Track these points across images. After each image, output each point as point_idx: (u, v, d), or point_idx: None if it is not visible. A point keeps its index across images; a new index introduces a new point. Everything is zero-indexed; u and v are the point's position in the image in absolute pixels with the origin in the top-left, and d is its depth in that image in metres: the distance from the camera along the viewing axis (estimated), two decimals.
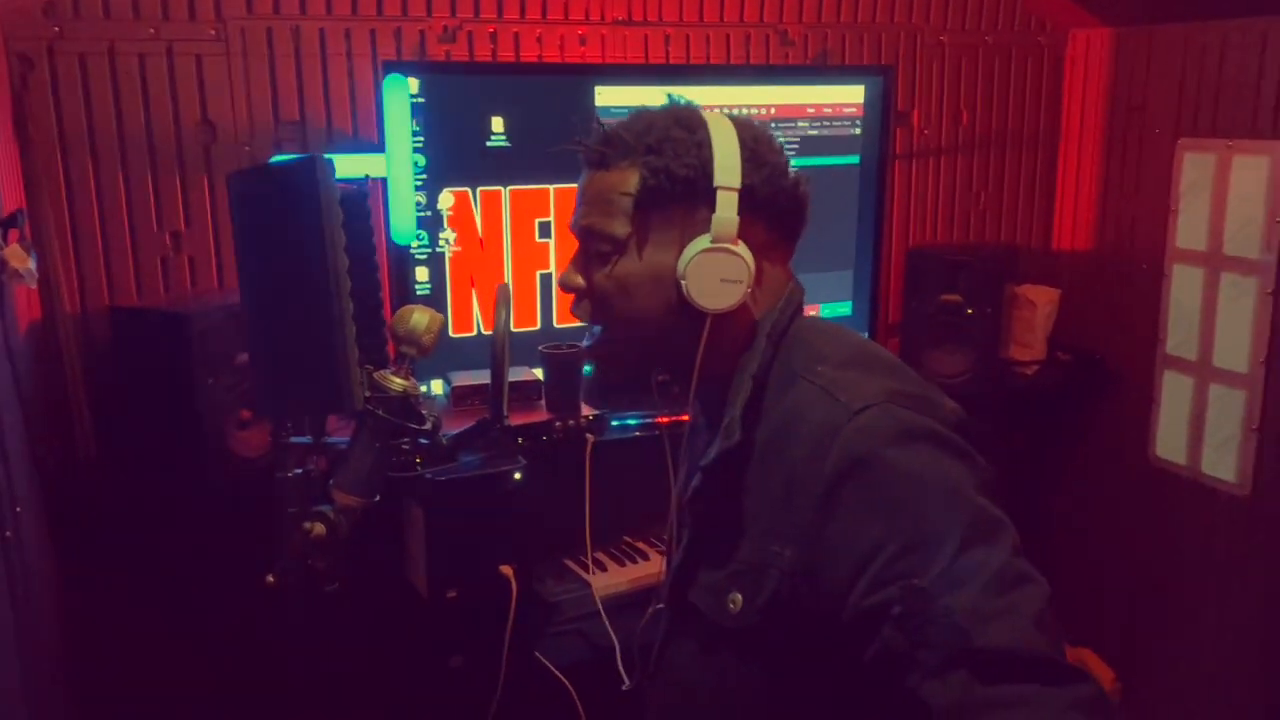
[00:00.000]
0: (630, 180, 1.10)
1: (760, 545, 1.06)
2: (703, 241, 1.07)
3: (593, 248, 1.13)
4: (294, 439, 1.09)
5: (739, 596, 1.07)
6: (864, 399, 1.00)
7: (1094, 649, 2.57)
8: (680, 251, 1.09)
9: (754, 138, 1.12)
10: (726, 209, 1.07)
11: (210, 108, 1.90)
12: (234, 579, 1.45)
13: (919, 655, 0.91)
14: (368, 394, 1.09)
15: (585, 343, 1.18)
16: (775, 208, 1.12)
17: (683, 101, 1.16)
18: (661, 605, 1.25)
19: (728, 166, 1.08)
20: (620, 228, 1.10)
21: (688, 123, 1.11)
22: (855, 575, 0.96)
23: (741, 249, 1.08)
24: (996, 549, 0.93)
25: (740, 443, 1.08)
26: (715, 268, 1.07)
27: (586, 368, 1.77)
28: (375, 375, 1.11)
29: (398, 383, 1.13)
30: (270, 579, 1.10)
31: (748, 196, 1.08)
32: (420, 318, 1.14)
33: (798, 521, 1.02)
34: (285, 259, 1.03)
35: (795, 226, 1.16)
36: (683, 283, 1.07)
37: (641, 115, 1.14)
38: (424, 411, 1.15)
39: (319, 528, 1.09)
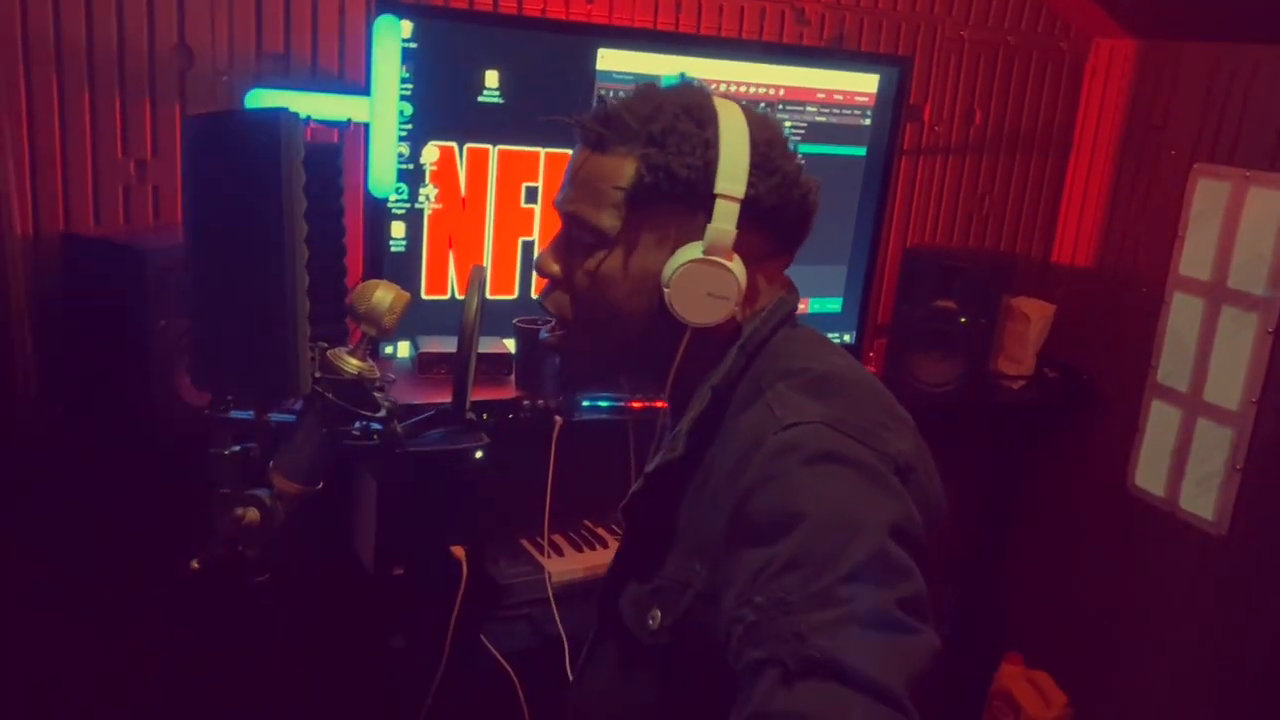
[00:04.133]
0: (625, 171, 1.00)
1: (684, 562, 0.99)
2: (693, 250, 0.99)
3: (574, 235, 1.04)
4: (233, 413, 1.00)
5: (658, 613, 1.00)
6: (796, 416, 0.92)
7: (1050, 672, 2.54)
8: (669, 256, 1.00)
9: (768, 141, 1.02)
10: (724, 220, 0.98)
11: (189, 32, 1.78)
12: (170, 536, 1.37)
13: (746, 653, 0.81)
14: (318, 374, 1.00)
15: (543, 334, 1.10)
16: (779, 220, 1.03)
17: (695, 82, 1.06)
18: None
19: (733, 173, 0.98)
20: (607, 221, 1.01)
21: (698, 114, 1.01)
22: (737, 589, 0.86)
23: (735, 264, 0.99)
24: (884, 592, 0.81)
25: (683, 456, 1.01)
26: (703, 280, 0.98)
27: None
28: (329, 354, 1.02)
29: (353, 364, 1.04)
30: (195, 564, 1.02)
31: (750, 207, 0.99)
32: (383, 295, 1.05)
33: (712, 537, 0.94)
34: (238, 219, 0.93)
35: (798, 238, 1.07)
36: (666, 291, 0.99)
37: (648, 94, 1.04)
38: (379, 396, 1.06)
39: (252, 513, 1.00)
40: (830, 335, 2.22)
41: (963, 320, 2.27)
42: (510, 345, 1.85)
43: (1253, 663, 2.11)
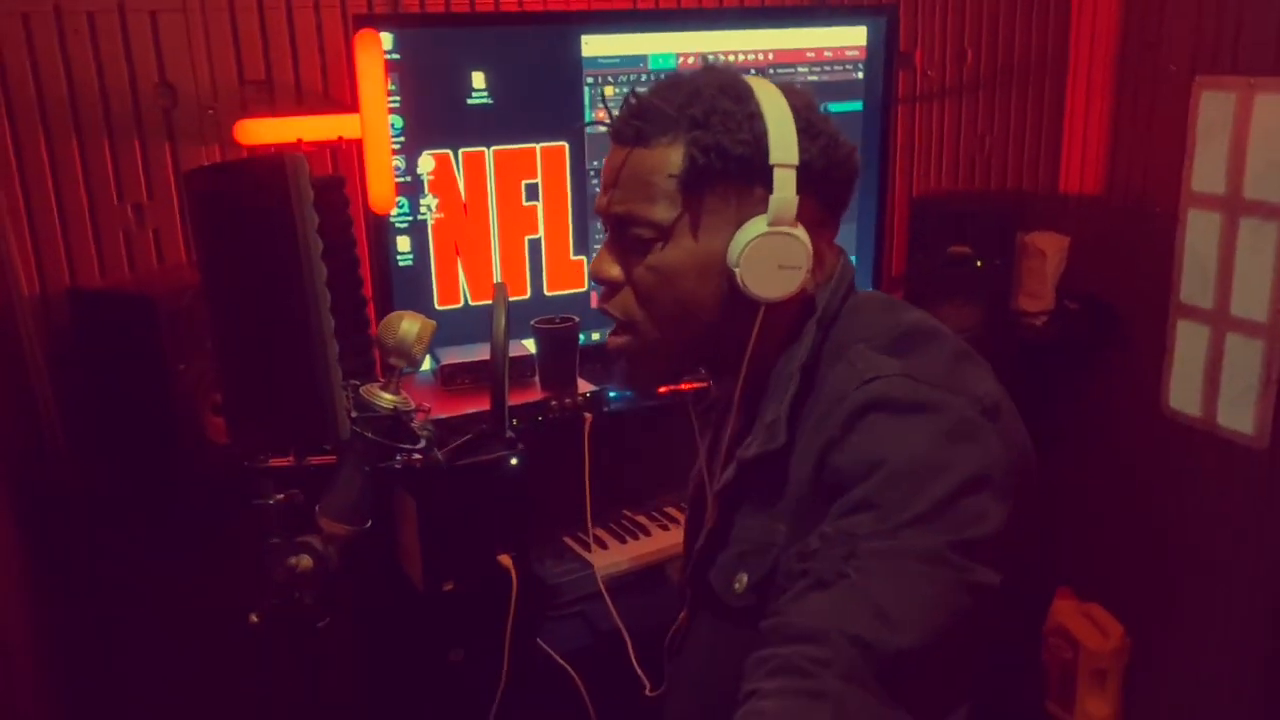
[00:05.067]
0: (674, 159, 0.99)
1: (768, 525, 1.00)
2: (759, 225, 0.97)
3: (630, 234, 1.02)
4: (272, 462, 0.99)
5: (745, 576, 1.01)
6: (879, 370, 0.93)
7: (1103, 604, 2.53)
8: (731, 237, 0.98)
9: (807, 105, 1.01)
10: (785, 188, 0.97)
11: (168, 69, 1.76)
12: (217, 571, 1.37)
13: (796, 569, 0.90)
14: (353, 414, 0.99)
15: (610, 338, 1.08)
16: (829, 182, 1.02)
17: (719, 63, 1.05)
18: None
19: (785, 141, 0.97)
20: (664, 213, 0.99)
21: (734, 92, 0.99)
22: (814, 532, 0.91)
23: (800, 231, 0.98)
24: (942, 536, 0.85)
25: (783, 448, 0.99)
26: (773, 253, 0.97)
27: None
28: (362, 391, 1.01)
29: (387, 399, 1.02)
30: (254, 618, 1.01)
31: (803, 172, 0.98)
32: (410, 326, 1.03)
33: (796, 493, 0.96)
34: (255, 270, 0.91)
35: (845, 200, 1.06)
36: (736, 271, 0.97)
37: (679, 83, 1.02)
38: (416, 426, 1.04)
39: (305, 560, 0.99)
40: None
41: (979, 263, 2.24)
42: (530, 346, 1.84)
43: None
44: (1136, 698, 2.50)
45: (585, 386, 1.80)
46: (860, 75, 2.13)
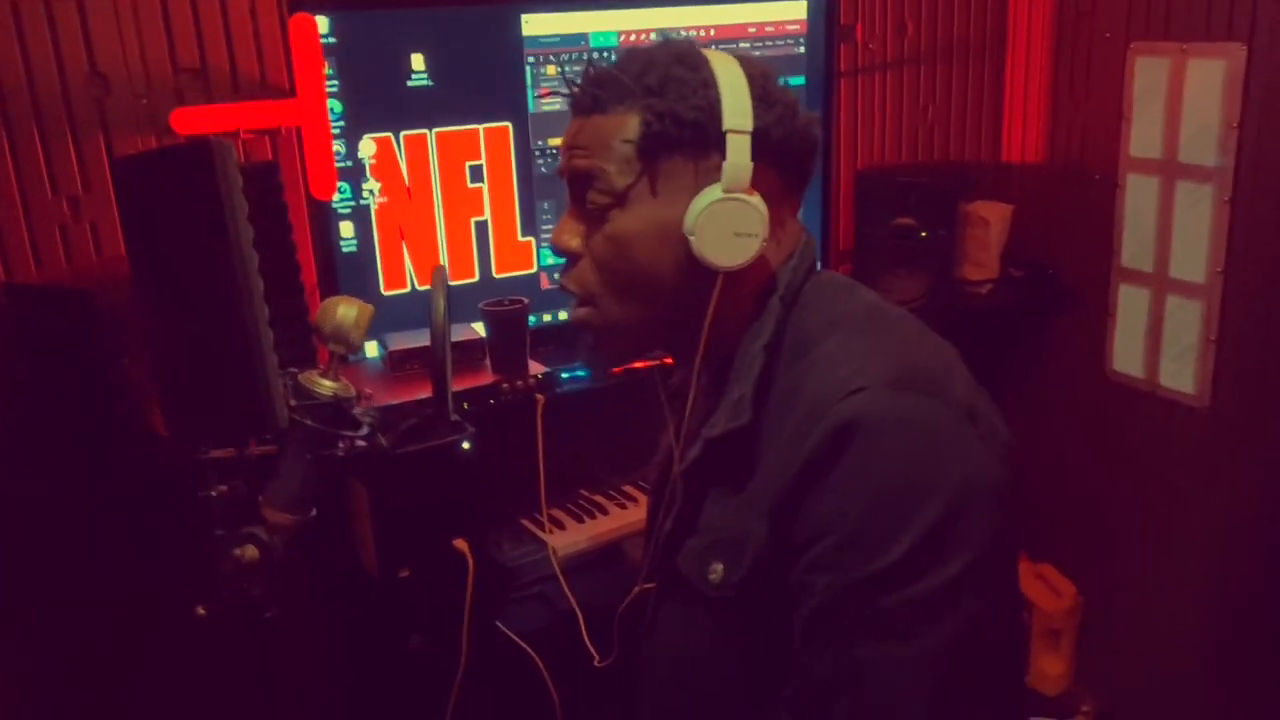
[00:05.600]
0: (630, 125, 0.99)
1: (742, 515, 1.00)
2: (714, 191, 0.97)
3: (588, 199, 1.02)
4: (214, 453, 0.98)
5: (719, 566, 1.01)
6: (863, 377, 0.92)
7: (1054, 564, 2.58)
8: (688, 204, 0.98)
9: (763, 74, 1.01)
10: (739, 154, 0.96)
11: (99, 57, 1.72)
12: (169, 562, 1.36)
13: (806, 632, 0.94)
14: (293, 403, 0.98)
15: (570, 314, 1.08)
16: (787, 152, 1.02)
17: (677, 37, 1.05)
18: (650, 585, 1.17)
19: (738, 107, 0.97)
20: (620, 177, 0.99)
21: (690, 60, 1.00)
22: (801, 552, 0.93)
23: (756, 198, 0.97)
24: (928, 580, 0.88)
25: (748, 425, 1.00)
26: (728, 220, 0.97)
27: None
28: (300, 379, 1.00)
29: (327, 385, 1.01)
30: (201, 610, 1.00)
31: (760, 140, 0.98)
32: (347, 311, 1.02)
33: (775, 494, 0.96)
34: (186, 259, 0.90)
35: (805, 173, 1.06)
36: (692, 239, 0.97)
37: (636, 54, 1.03)
38: (358, 412, 1.04)
39: (250, 551, 0.98)
40: None
41: (923, 234, 2.26)
42: (480, 329, 1.83)
43: (1247, 525, 2.15)
44: (1088, 656, 2.55)
45: (537, 368, 1.80)
46: (802, 50, 2.13)
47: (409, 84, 1.80)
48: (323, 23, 1.70)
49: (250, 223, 0.90)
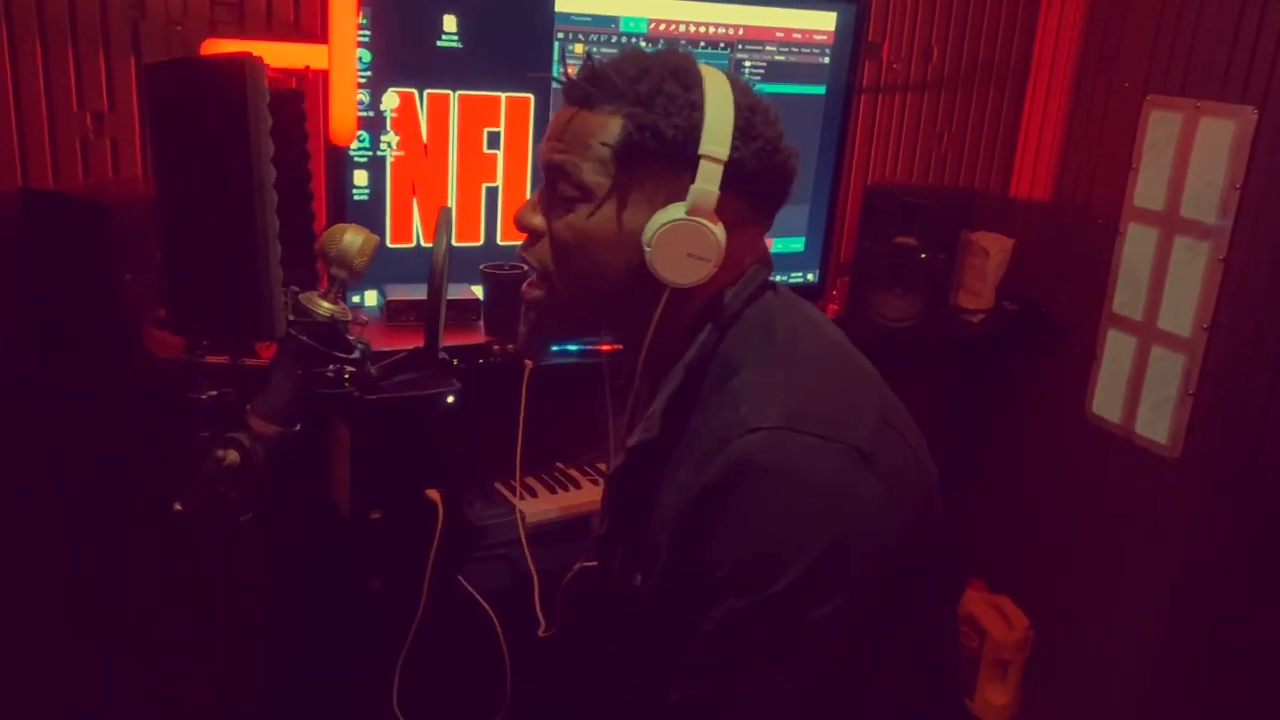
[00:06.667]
0: (612, 129, 1.02)
1: (655, 533, 1.04)
2: (677, 210, 1.00)
3: (559, 189, 1.05)
4: (209, 358, 1.01)
5: (639, 577, 1.07)
6: (761, 418, 0.95)
7: (1012, 597, 2.62)
8: (651, 215, 1.01)
9: (750, 107, 1.04)
10: (708, 180, 1.00)
11: None
12: (146, 486, 1.39)
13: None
14: (291, 318, 1.01)
15: (526, 287, 1.11)
16: (759, 184, 1.05)
17: (681, 48, 1.08)
18: (591, 565, 1.22)
19: (718, 135, 1.00)
20: (592, 176, 1.03)
21: (684, 78, 1.03)
22: (694, 584, 0.97)
23: (716, 226, 1.01)
24: (812, 609, 0.93)
25: (658, 438, 1.04)
26: (685, 241, 1.00)
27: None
28: (301, 298, 1.04)
29: (325, 307, 1.05)
30: (178, 506, 1.04)
31: (733, 169, 1.01)
32: (353, 239, 1.06)
33: (679, 514, 1.00)
34: (206, 165, 0.94)
35: (775, 204, 1.10)
36: (647, 250, 1.00)
37: (635, 58, 1.06)
38: (351, 338, 1.07)
39: (232, 455, 1.02)
40: (793, 275, 2.26)
41: (923, 256, 2.30)
42: (478, 291, 1.86)
43: (1207, 576, 2.19)
44: (1034, 689, 2.59)
45: None
46: (826, 60, 2.17)
47: (438, 44, 1.83)
48: None
49: (271, 140, 0.93)
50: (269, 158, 0.93)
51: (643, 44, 1.98)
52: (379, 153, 1.84)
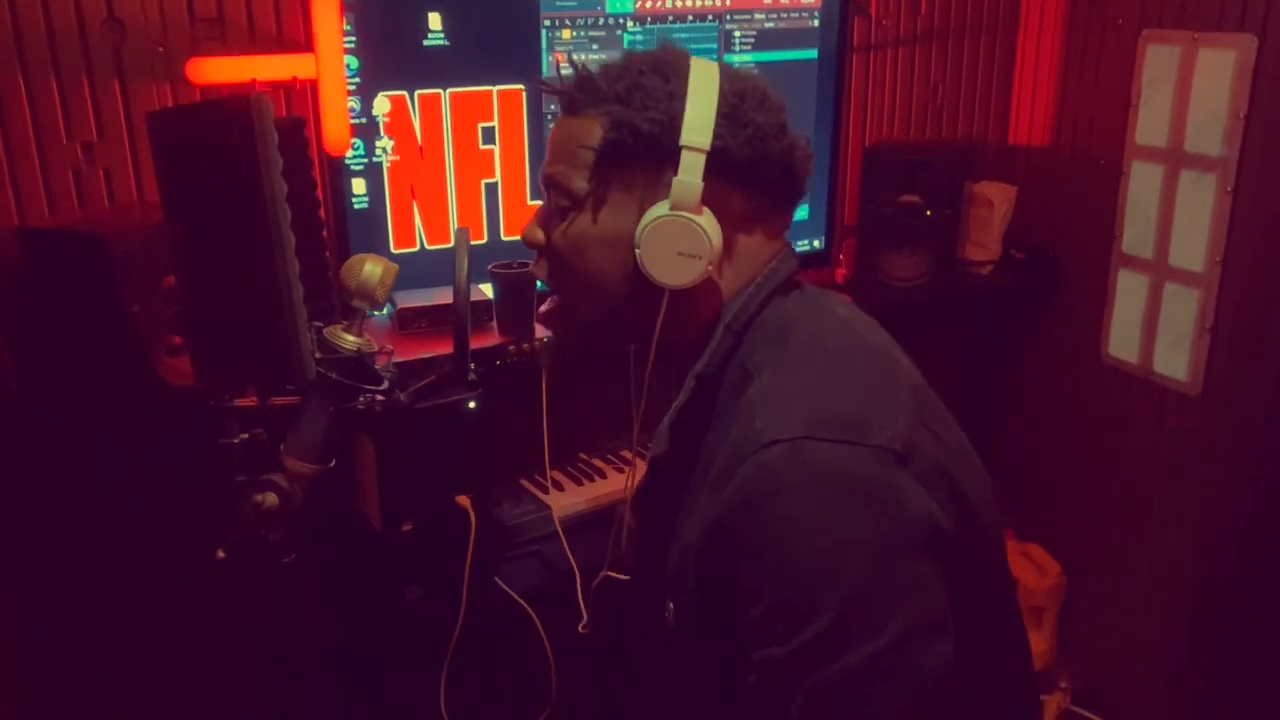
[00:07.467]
0: (593, 131, 0.99)
1: (681, 555, 1.00)
2: (661, 208, 0.96)
3: (554, 201, 1.03)
4: (236, 402, 1.00)
5: (672, 606, 1.02)
6: (777, 430, 0.88)
7: (1042, 544, 2.62)
8: (640, 216, 0.98)
9: (738, 93, 0.99)
10: (690, 172, 0.95)
11: (116, 4, 1.72)
12: (174, 515, 1.38)
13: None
14: (318, 356, 1.00)
15: (544, 307, 1.10)
16: (757, 174, 1.00)
17: (675, 45, 1.04)
18: (618, 576, 1.20)
19: (698, 124, 0.95)
20: (579, 182, 1.00)
21: (665, 70, 0.99)
22: (732, 613, 0.91)
23: (705, 219, 0.96)
24: (875, 635, 0.83)
25: (668, 451, 1.01)
26: (673, 238, 0.95)
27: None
28: (325, 333, 1.02)
29: (350, 340, 1.04)
30: (220, 554, 1.03)
31: (721, 159, 0.97)
32: (373, 269, 1.05)
33: (696, 540, 0.95)
34: (220, 213, 0.92)
35: (788, 195, 1.04)
36: (637, 252, 0.97)
37: (622, 58, 1.03)
38: (379, 369, 1.06)
39: (271, 498, 1.01)
40: (799, 242, 2.24)
41: (928, 213, 2.28)
42: (488, 290, 1.85)
43: (1233, 512, 2.19)
44: (1070, 635, 2.60)
45: (543, 331, 1.82)
46: (816, 23, 2.14)
47: (425, 43, 1.80)
48: None
49: (283, 178, 0.91)
50: (284, 199, 0.91)
51: (630, 24, 1.95)
52: (375, 159, 1.82)
